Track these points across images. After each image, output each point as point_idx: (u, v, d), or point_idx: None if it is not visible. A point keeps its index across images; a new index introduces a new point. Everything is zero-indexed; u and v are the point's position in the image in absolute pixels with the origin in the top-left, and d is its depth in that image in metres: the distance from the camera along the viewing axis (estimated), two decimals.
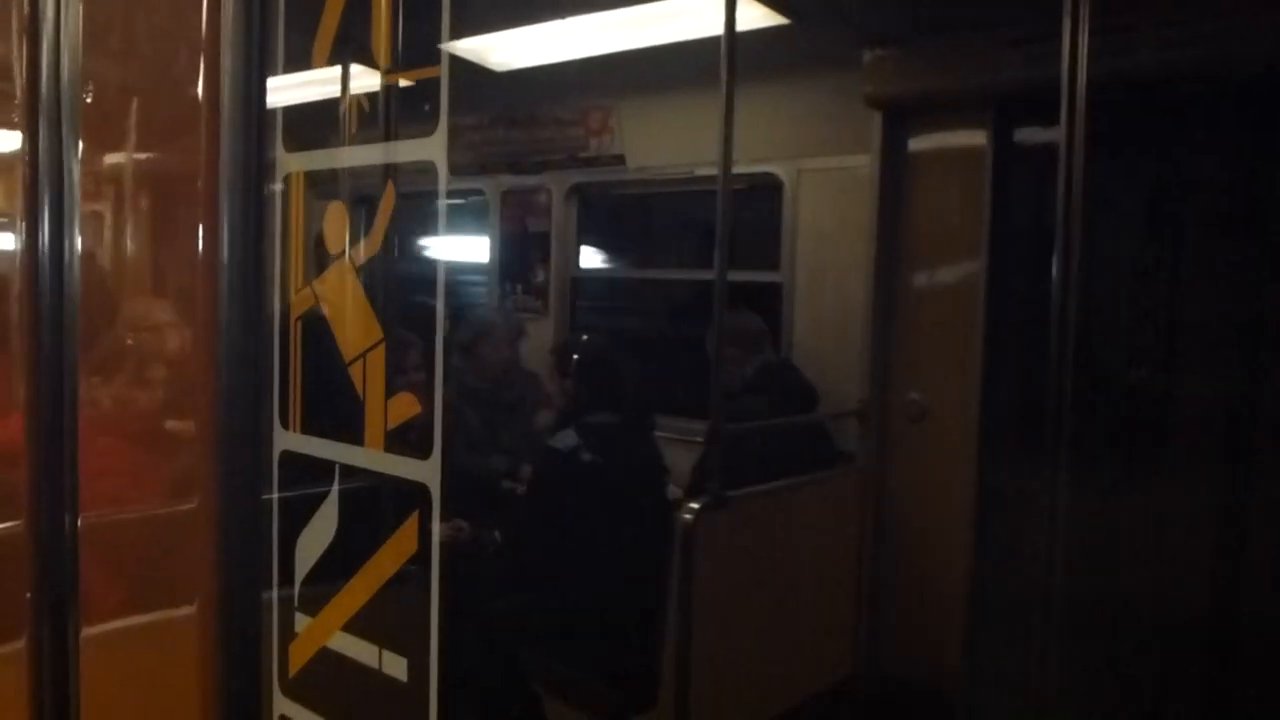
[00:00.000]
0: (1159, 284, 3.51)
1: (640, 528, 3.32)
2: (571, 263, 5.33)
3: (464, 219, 5.62)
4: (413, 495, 1.52)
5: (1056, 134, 2.64)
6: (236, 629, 1.70)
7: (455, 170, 5.26)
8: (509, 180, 5.46)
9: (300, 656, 1.72)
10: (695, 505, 2.97)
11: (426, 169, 1.56)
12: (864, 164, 3.79)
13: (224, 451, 1.66)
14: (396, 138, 1.61)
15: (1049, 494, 2.67)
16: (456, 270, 6.68)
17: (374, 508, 1.62)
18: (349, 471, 1.63)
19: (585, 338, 4.27)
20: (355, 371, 1.61)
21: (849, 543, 3.64)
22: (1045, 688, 2.86)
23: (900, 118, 3.62)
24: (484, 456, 4.32)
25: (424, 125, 1.53)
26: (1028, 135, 3.44)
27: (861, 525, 3.64)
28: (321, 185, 1.68)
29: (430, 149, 1.54)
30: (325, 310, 1.65)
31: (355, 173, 1.67)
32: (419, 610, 1.55)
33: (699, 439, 3.22)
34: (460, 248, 6.88)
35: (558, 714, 3.22)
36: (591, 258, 5.42)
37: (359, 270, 1.62)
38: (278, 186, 1.69)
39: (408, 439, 1.53)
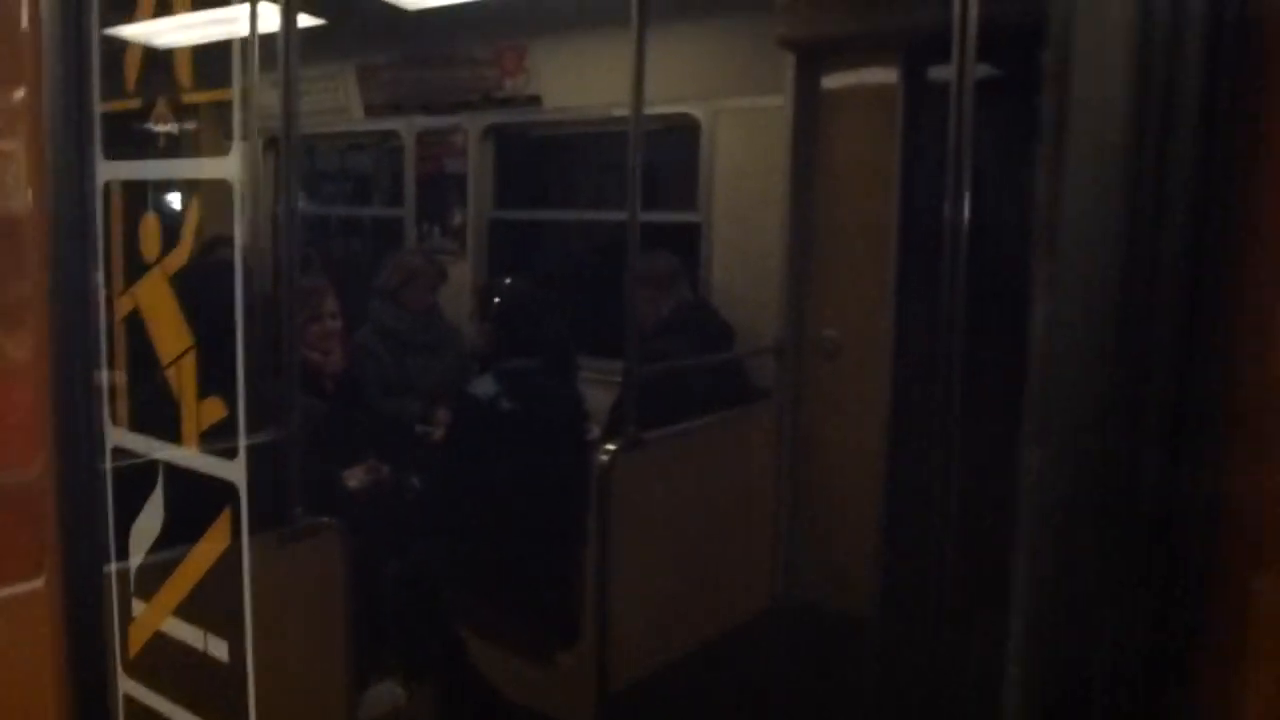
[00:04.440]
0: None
1: (560, 473, 3.34)
2: (489, 205, 5.28)
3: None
4: (224, 494, 1.62)
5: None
6: (80, 614, 1.77)
7: (370, 110, 5.16)
8: (424, 121, 5.37)
9: (139, 638, 1.81)
10: (611, 447, 3.01)
11: (224, 188, 1.61)
12: (780, 104, 3.80)
13: (59, 450, 1.73)
14: (199, 155, 1.69)
15: (945, 427, 2.76)
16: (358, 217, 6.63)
17: (194, 501, 1.70)
18: (171, 468, 1.72)
19: (507, 281, 4.24)
20: (171, 375, 1.69)
21: (766, 478, 3.72)
22: (949, 610, 2.98)
23: (813, 58, 3.63)
24: (399, 399, 4.30)
25: (220, 145, 1.60)
26: (938, 74, 3.48)
27: (778, 460, 3.71)
28: (137, 194, 1.74)
29: (227, 168, 1.59)
30: (144, 316, 1.73)
31: (164, 185, 1.74)
32: (234, 598, 1.63)
33: (618, 379, 3.24)
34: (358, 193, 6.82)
35: (480, 655, 3.25)
36: (509, 199, 5.37)
37: (170, 279, 1.69)
38: (99, 193, 1.74)
39: (218, 441, 1.62)
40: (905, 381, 3.50)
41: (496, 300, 3.81)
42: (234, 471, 1.61)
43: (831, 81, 3.65)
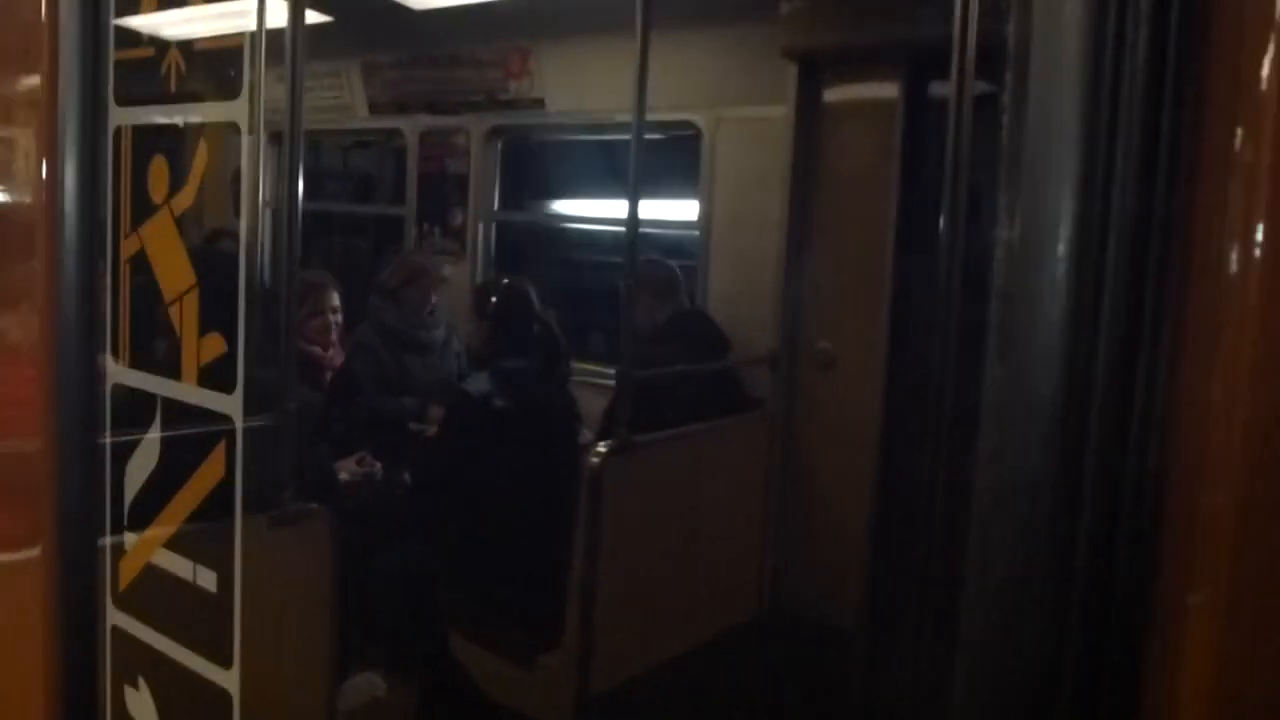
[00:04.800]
0: None
1: (550, 473, 3.35)
2: (490, 205, 5.30)
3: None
4: (221, 427, 1.67)
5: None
6: (73, 547, 1.82)
7: (374, 108, 5.17)
8: (427, 121, 5.39)
9: (129, 572, 1.86)
10: (602, 449, 3.02)
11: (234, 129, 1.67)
12: (781, 114, 3.82)
13: (62, 383, 1.77)
14: (206, 99, 1.74)
15: (937, 439, 2.77)
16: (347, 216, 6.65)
17: (190, 437, 1.77)
18: (170, 403, 1.77)
19: (505, 281, 4.25)
20: (174, 312, 1.74)
21: (757, 486, 3.72)
22: (938, 624, 2.98)
23: (815, 69, 3.65)
24: (396, 397, 4.32)
25: (229, 89, 1.65)
26: (939, 88, 3.49)
27: (769, 469, 3.72)
28: (146, 138, 1.79)
29: (234, 111, 1.65)
30: (149, 255, 1.78)
31: (174, 128, 1.80)
32: (226, 529, 1.69)
33: (614, 384, 3.25)
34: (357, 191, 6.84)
35: (464, 652, 3.26)
36: (510, 201, 5.39)
37: (177, 220, 1.74)
38: (109, 137, 1.79)
39: (216, 375, 1.68)
40: (898, 394, 3.50)
41: (493, 300, 3.82)
42: (230, 405, 1.66)
43: (833, 93, 3.66)
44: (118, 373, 1.82)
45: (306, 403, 3.14)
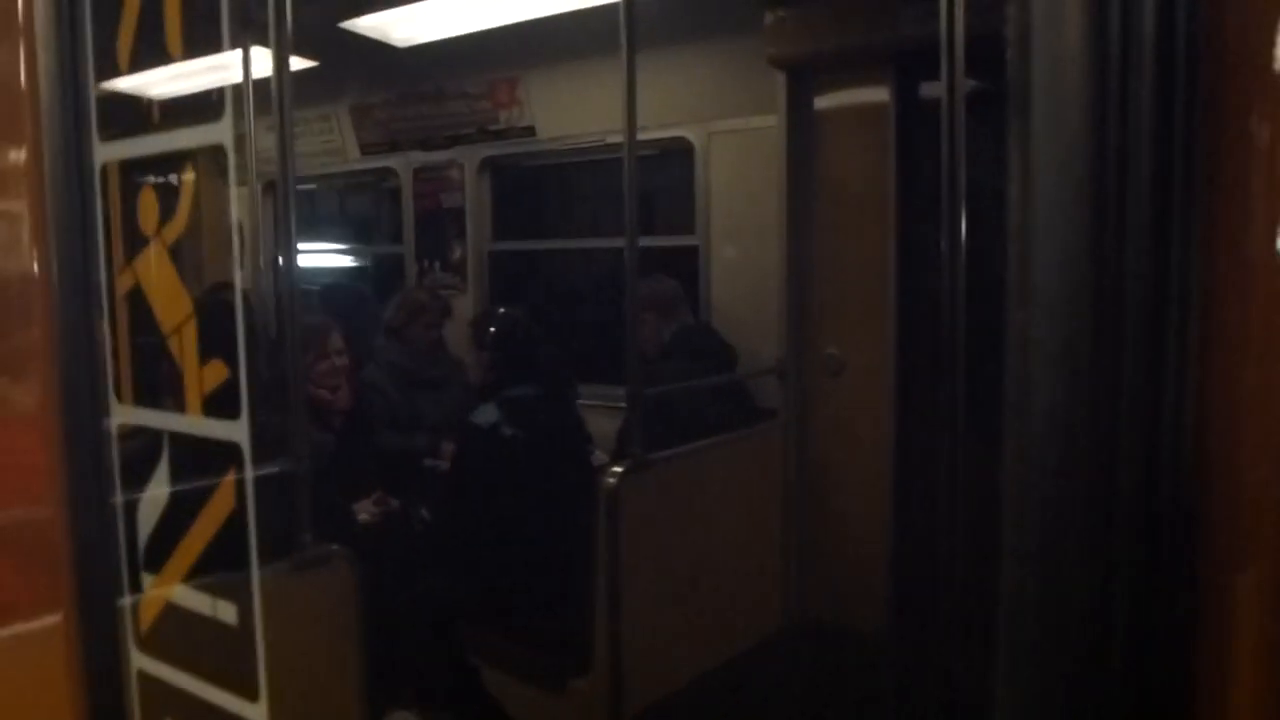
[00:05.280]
0: None
1: (565, 497, 3.34)
2: (487, 237, 5.31)
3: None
4: (228, 455, 1.67)
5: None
6: (91, 595, 1.79)
7: (366, 149, 5.18)
8: (420, 157, 5.41)
9: (150, 613, 1.85)
10: (618, 469, 3.01)
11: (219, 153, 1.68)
12: (772, 124, 3.82)
13: (69, 429, 1.76)
14: (189, 125, 1.74)
15: (952, 443, 2.76)
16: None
17: (199, 470, 1.75)
18: (177, 438, 1.77)
19: (501, 310, 4.26)
20: (173, 343, 1.74)
21: (773, 497, 3.71)
22: (963, 631, 2.96)
23: (804, 77, 3.65)
24: (407, 434, 4.31)
25: (212, 112, 1.66)
26: (930, 90, 3.49)
27: (785, 480, 3.70)
28: (133, 171, 1.80)
29: (219, 134, 1.66)
30: (145, 288, 1.78)
31: (161, 158, 1.80)
32: (240, 559, 1.67)
33: (623, 405, 3.24)
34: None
35: (496, 685, 3.24)
36: (507, 231, 5.40)
37: (170, 249, 1.75)
38: (96, 175, 1.79)
39: (220, 403, 1.68)
40: (909, 395, 3.49)
41: (491, 330, 3.83)
42: (237, 432, 1.65)
43: (823, 99, 3.67)
44: (122, 412, 1.81)
45: (318, 446, 3.13)
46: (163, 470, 1.80)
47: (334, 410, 3.62)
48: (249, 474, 1.65)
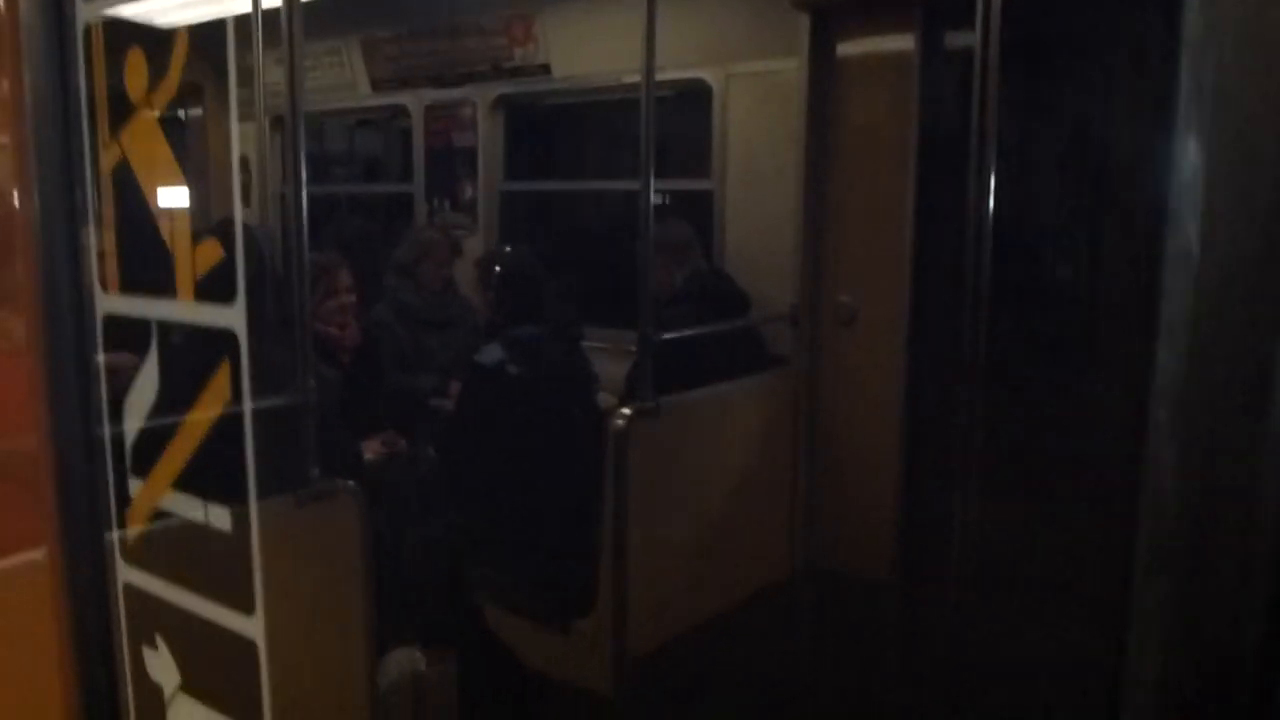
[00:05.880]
0: (1083, 185, 3.56)
1: (570, 437, 3.33)
2: (499, 177, 5.25)
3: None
4: (223, 344, 1.53)
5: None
6: (75, 506, 1.70)
7: (376, 85, 5.11)
8: (432, 94, 5.34)
9: (137, 521, 1.74)
10: (627, 412, 3.00)
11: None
12: (793, 68, 3.76)
13: (49, 321, 1.64)
14: None
15: (965, 391, 2.74)
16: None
17: (190, 361, 1.62)
18: (165, 328, 1.64)
19: (507, 249, 4.22)
20: (164, 223, 1.60)
21: (783, 444, 3.70)
22: (971, 578, 2.96)
23: (828, 21, 3.58)
24: (415, 374, 4.30)
25: None
26: (955, 39, 3.43)
27: (795, 426, 3.69)
28: (120, 33, 1.63)
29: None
30: (133, 164, 1.63)
31: (151, 19, 1.64)
32: (236, 459, 1.55)
33: (634, 349, 3.23)
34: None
35: (500, 623, 3.25)
36: (520, 171, 5.34)
37: (161, 118, 1.60)
38: (78, 37, 1.64)
39: (215, 286, 1.54)
40: (923, 345, 3.47)
41: (498, 269, 3.80)
42: (233, 318, 1.52)
43: (847, 44, 3.60)
44: (109, 302, 1.68)
45: (326, 383, 3.12)
46: (151, 364, 1.67)
47: (342, 347, 3.61)
48: (244, 363, 1.53)
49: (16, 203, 1.65)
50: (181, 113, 1.65)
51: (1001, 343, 3.04)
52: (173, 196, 1.60)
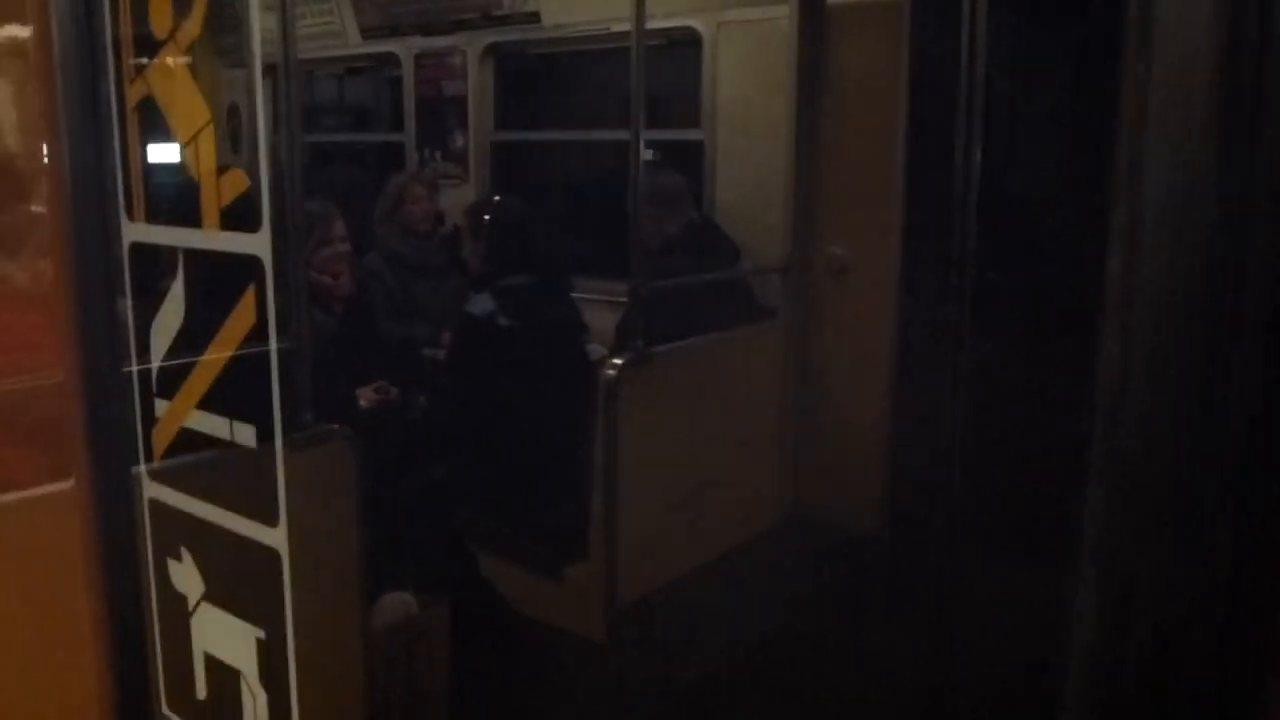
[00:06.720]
0: (1076, 139, 3.56)
1: (561, 387, 3.35)
2: (490, 127, 5.22)
3: None
4: (248, 269, 1.57)
5: None
6: (101, 419, 1.72)
7: (366, 33, 5.05)
8: (422, 42, 5.29)
9: (163, 440, 1.78)
10: (618, 361, 3.02)
11: None
12: (784, 16, 3.73)
13: (76, 249, 1.66)
14: None
15: (954, 341, 2.76)
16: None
17: (216, 287, 1.66)
18: (191, 255, 1.68)
19: (497, 199, 4.20)
20: (189, 154, 1.63)
21: (773, 394, 3.73)
22: (957, 526, 3.01)
23: None
24: (406, 323, 4.31)
25: None
26: None
27: (785, 377, 3.72)
28: None
29: None
30: (158, 97, 1.66)
31: None
32: (262, 378, 1.60)
33: (624, 300, 3.24)
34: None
35: (493, 570, 3.29)
36: (510, 121, 5.30)
37: (186, 53, 1.63)
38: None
39: (239, 214, 1.58)
40: (913, 297, 3.48)
41: (486, 218, 3.79)
42: (258, 244, 1.56)
43: None
44: (134, 231, 1.72)
45: (322, 330, 3.13)
46: (178, 289, 1.71)
47: (336, 296, 3.61)
48: (270, 287, 1.56)
49: (44, 137, 1.67)
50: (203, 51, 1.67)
51: (991, 293, 3.06)
52: (199, 128, 1.63)
